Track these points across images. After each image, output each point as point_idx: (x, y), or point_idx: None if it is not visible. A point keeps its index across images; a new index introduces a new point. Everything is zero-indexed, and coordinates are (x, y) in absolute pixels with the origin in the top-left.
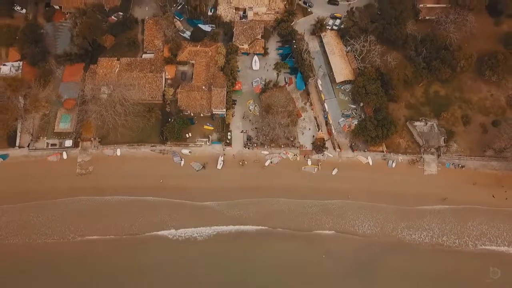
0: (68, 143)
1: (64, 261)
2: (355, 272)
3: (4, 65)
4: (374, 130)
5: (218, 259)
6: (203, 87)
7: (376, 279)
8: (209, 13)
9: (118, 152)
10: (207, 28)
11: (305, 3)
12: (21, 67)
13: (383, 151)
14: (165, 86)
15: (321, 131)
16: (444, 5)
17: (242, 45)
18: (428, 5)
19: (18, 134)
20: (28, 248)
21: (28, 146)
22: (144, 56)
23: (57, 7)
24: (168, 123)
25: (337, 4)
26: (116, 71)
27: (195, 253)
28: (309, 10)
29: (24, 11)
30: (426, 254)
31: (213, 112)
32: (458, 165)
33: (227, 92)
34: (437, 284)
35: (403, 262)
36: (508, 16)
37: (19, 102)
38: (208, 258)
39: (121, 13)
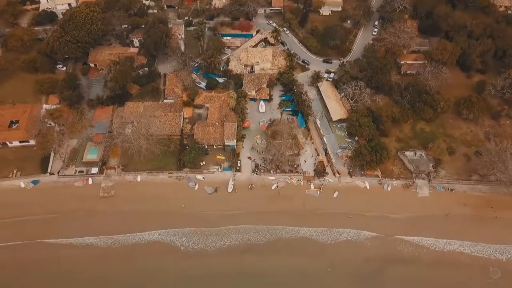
0: (94, 170)
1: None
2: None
3: (44, 106)
4: (368, 155)
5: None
6: (217, 123)
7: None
8: (222, 69)
9: (139, 178)
10: (220, 80)
11: (303, 61)
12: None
13: (378, 176)
14: (183, 124)
15: (321, 155)
16: (422, 62)
17: (250, 91)
18: (408, 62)
19: (51, 162)
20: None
21: (58, 172)
22: (165, 101)
23: (92, 65)
24: (185, 151)
25: (331, 63)
26: (141, 111)
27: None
28: (306, 66)
29: (64, 68)
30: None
31: (225, 144)
32: (448, 188)
33: (237, 127)
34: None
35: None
36: (477, 71)
37: (56, 130)
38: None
39: (147, 69)
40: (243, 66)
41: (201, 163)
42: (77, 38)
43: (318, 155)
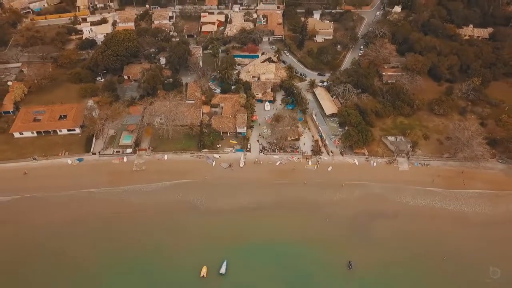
0: (129, 150)
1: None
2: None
3: (90, 100)
4: (356, 135)
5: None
6: (230, 116)
7: (369, 235)
8: (233, 79)
9: (166, 157)
10: (232, 87)
11: (301, 75)
12: None
13: (365, 154)
14: (202, 116)
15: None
16: (400, 73)
17: (257, 94)
18: (388, 73)
19: (93, 144)
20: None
21: (99, 152)
22: (187, 102)
23: (126, 77)
24: (205, 134)
25: (324, 75)
26: (168, 106)
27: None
28: (304, 77)
29: (102, 80)
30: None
31: (237, 131)
32: (424, 163)
33: (247, 118)
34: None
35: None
36: (446, 80)
37: (99, 116)
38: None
39: (171, 79)
40: (251, 77)
41: (218, 145)
42: (117, 52)
43: (313, 136)
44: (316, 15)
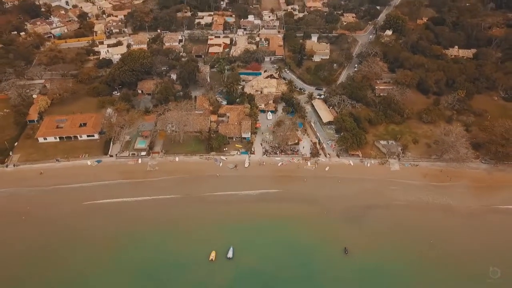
0: (143, 153)
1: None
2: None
3: (108, 109)
4: (350, 139)
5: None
6: (236, 123)
7: (362, 224)
8: (238, 92)
9: (177, 159)
10: (237, 99)
11: (300, 89)
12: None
13: (359, 156)
14: (210, 124)
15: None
16: (391, 87)
17: (260, 105)
18: (381, 87)
19: (111, 147)
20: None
21: (116, 155)
22: (196, 112)
23: (140, 91)
24: (213, 138)
25: (322, 89)
26: (179, 114)
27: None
28: (303, 91)
29: (118, 94)
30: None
31: (242, 136)
32: (414, 164)
33: (251, 124)
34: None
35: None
36: (434, 93)
37: (117, 121)
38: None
39: (181, 92)
40: (254, 90)
41: (224, 149)
42: (132, 68)
43: (311, 140)
44: (314, 38)
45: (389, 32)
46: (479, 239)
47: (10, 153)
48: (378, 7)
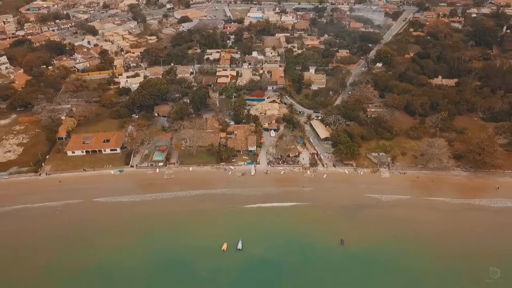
0: (160, 164)
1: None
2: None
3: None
4: (345, 150)
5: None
6: (242, 138)
7: (357, 220)
8: (244, 114)
9: (191, 169)
10: (243, 120)
11: (299, 112)
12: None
13: (353, 165)
14: (219, 139)
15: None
16: (381, 109)
17: (264, 124)
18: (372, 110)
19: (132, 159)
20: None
21: (136, 165)
22: (207, 131)
23: (156, 114)
24: (222, 150)
25: (319, 112)
26: (192, 133)
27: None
28: (302, 114)
29: (137, 116)
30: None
31: (249, 149)
32: (402, 172)
33: (256, 139)
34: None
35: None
36: (420, 115)
37: (137, 135)
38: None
39: (194, 115)
40: (259, 112)
41: (233, 160)
42: (150, 92)
43: (310, 153)
44: (312, 70)
45: (379, 65)
46: (454, 227)
47: (43, 164)
48: (370, 45)
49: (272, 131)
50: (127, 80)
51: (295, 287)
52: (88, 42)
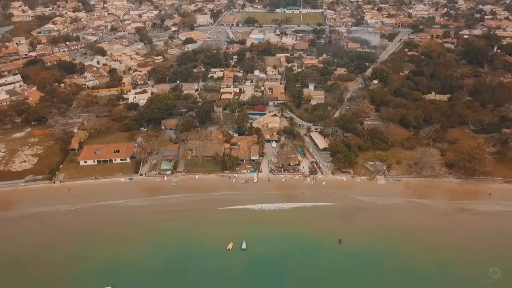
0: (168, 172)
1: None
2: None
3: (139, 138)
4: (342, 158)
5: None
6: (245, 148)
7: (354, 222)
8: (247, 127)
9: (197, 176)
10: (246, 132)
11: (299, 125)
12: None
13: (351, 173)
14: (224, 150)
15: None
16: (377, 122)
17: (266, 136)
18: (368, 122)
19: (141, 167)
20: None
21: (145, 173)
22: (212, 142)
23: (163, 127)
24: (227, 159)
25: (317, 125)
26: (198, 143)
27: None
28: (301, 126)
29: (145, 129)
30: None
31: (251, 158)
32: (397, 179)
33: (258, 149)
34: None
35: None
36: (414, 127)
37: (147, 144)
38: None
39: (199, 127)
40: (261, 125)
41: (236, 168)
42: (158, 106)
43: (310, 162)
44: (311, 87)
45: (375, 81)
46: (447, 227)
47: (57, 173)
48: (366, 63)
49: (274, 142)
50: (135, 96)
51: (295, 283)
52: (98, 62)
